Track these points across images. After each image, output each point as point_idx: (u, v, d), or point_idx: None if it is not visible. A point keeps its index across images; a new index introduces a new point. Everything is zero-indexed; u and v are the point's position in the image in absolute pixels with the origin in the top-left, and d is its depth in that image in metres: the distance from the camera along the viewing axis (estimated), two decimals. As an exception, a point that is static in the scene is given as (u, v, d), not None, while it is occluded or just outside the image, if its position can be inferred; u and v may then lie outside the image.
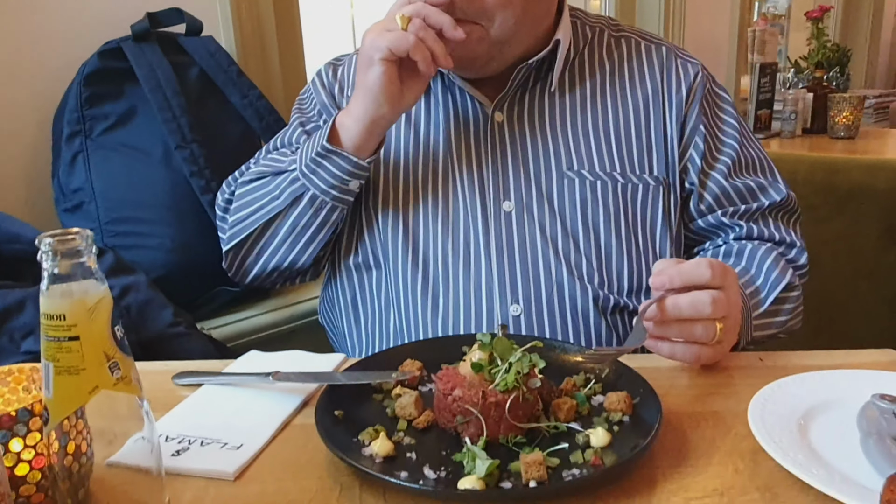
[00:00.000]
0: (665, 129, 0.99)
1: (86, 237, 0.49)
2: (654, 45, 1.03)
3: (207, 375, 0.80)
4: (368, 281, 1.01)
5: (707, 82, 1.03)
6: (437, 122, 1.00)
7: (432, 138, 0.99)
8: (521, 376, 0.64)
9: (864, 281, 1.76)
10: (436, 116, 1.00)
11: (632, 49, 1.03)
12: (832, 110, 2.67)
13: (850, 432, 0.64)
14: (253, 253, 1.00)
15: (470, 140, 0.98)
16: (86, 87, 1.26)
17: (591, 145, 0.97)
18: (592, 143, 0.97)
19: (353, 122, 0.89)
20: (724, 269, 0.77)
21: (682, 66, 1.02)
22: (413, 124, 1.00)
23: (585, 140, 0.97)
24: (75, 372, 0.48)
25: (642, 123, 0.99)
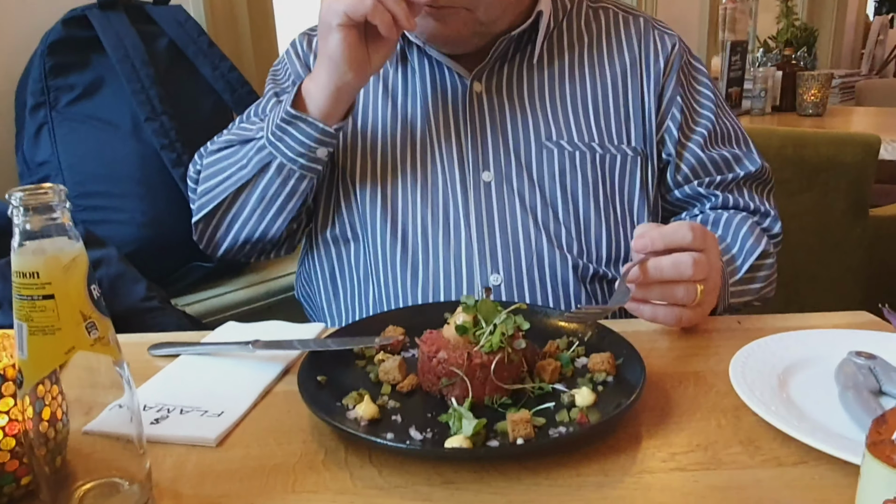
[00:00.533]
0: (643, 100, 0.99)
1: (59, 192, 0.47)
2: (632, 17, 1.04)
3: (185, 346, 0.79)
4: (346, 253, 1.00)
5: (684, 54, 1.03)
6: (414, 92, 0.98)
7: (409, 109, 0.98)
8: (506, 337, 0.64)
9: (831, 253, 1.80)
10: (413, 87, 0.99)
11: (610, 20, 1.03)
12: (801, 88, 2.71)
13: (828, 387, 0.65)
14: (223, 225, 0.98)
15: (448, 111, 0.97)
16: (50, 57, 1.22)
17: (570, 116, 0.97)
18: (571, 114, 0.97)
19: (318, 89, 0.87)
20: (705, 232, 0.78)
21: (659, 38, 1.02)
22: (391, 95, 0.99)
23: (564, 111, 0.97)
24: (50, 332, 0.46)
25: (620, 94, 0.99)
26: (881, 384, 0.64)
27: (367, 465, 0.57)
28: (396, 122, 0.98)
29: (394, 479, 0.55)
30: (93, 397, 0.54)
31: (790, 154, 1.76)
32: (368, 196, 0.96)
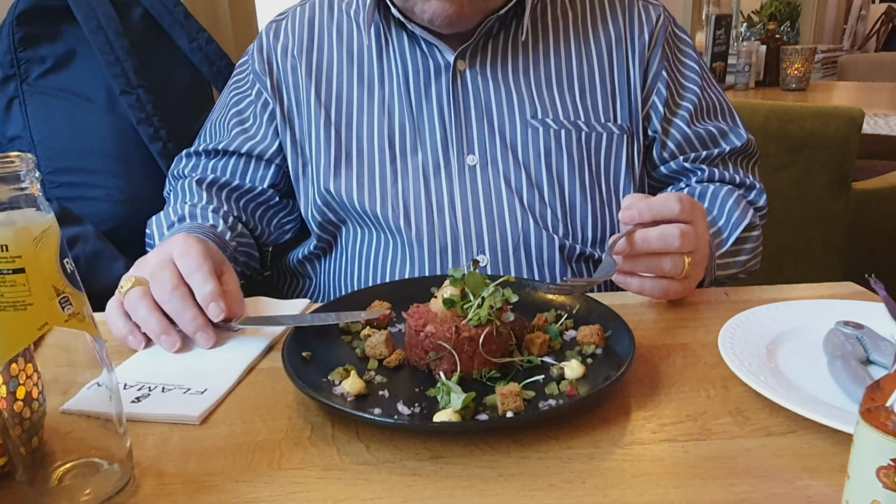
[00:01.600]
0: (629, 76, 0.98)
1: (27, 160, 0.45)
2: None
3: None
4: (332, 237, 0.99)
5: (669, 25, 1.02)
6: (392, 74, 0.96)
7: (387, 93, 0.95)
8: (494, 310, 0.63)
9: (814, 227, 1.81)
10: (392, 69, 0.96)
11: None
12: (784, 62, 2.71)
13: (816, 357, 0.65)
14: None
15: (431, 90, 0.94)
16: (19, 28, 1.17)
17: (555, 93, 0.96)
18: (556, 92, 0.96)
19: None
20: (693, 203, 0.77)
21: (643, 9, 1.00)
22: (366, 81, 0.96)
23: (549, 88, 0.96)
24: (22, 307, 0.45)
25: (606, 71, 0.97)
26: (869, 353, 0.64)
27: (354, 440, 0.56)
28: (374, 106, 0.95)
29: (382, 455, 0.54)
30: (70, 376, 0.52)
31: (774, 128, 1.76)
32: (355, 184, 0.93)
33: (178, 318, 0.71)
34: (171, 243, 0.76)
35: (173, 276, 0.72)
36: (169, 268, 0.73)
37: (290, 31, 1.01)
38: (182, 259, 0.73)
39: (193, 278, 0.72)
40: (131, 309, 0.72)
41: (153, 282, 0.72)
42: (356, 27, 0.98)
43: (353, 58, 0.97)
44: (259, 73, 1.00)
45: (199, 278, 0.72)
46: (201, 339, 0.71)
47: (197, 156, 1.03)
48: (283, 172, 1.01)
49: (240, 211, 1.00)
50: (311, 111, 0.97)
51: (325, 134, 0.96)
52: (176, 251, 0.74)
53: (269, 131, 1.00)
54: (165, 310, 0.71)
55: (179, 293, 0.71)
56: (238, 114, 1.02)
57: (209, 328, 0.71)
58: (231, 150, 1.00)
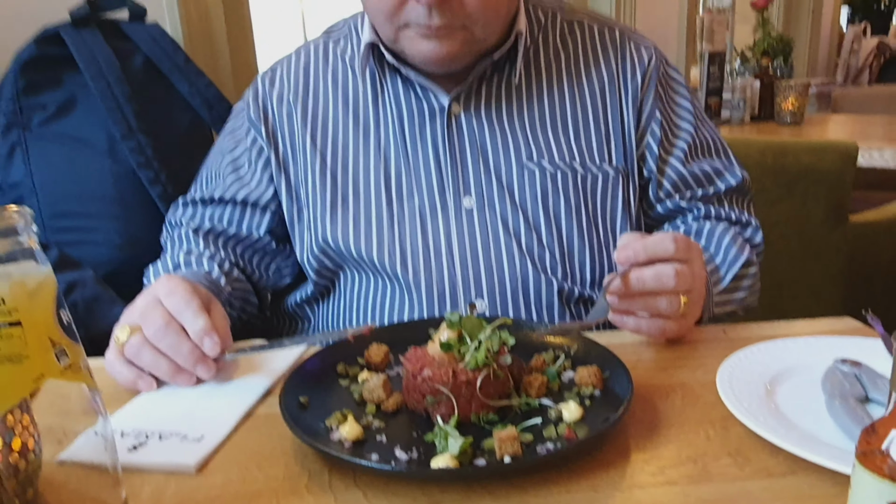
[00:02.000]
0: (622, 117, 0.98)
1: (25, 215, 0.46)
2: (608, 29, 1.02)
3: None
4: (329, 284, 1.00)
5: (661, 65, 1.02)
6: (387, 118, 0.96)
7: (383, 136, 0.96)
8: (492, 353, 0.63)
9: (812, 259, 1.81)
10: (387, 113, 0.96)
11: (585, 35, 1.01)
12: (779, 97, 2.74)
13: (815, 396, 0.65)
14: None
15: (426, 134, 0.95)
16: (22, 76, 1.20)
17: (550, 136, 0.96)
18: (550, 134, 0.96)
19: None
20: (689, 242, 0.77)
21: (635, 50, 1.01)
22: (362, 125, 0.97)
23: (543, 130, 0.96)
24: (18, 360, 0.45)
25: (600, 112, 0.98)
26: (867, 391, 0.64)
27: (351, 487, 0.56)
28: (370, 150, 0.96)
29: (379, 501, 0.54)
30: (65, 425, 0.52)
31: (770, 163, 1.77)
32: (351, 230, 0.94)
33: (175, 353, 0.71)
34: (155, 286, 0.76)
35: (163, 315, 0.72)
36: (158, 308, 0.73)
37: (286, 78, 1.02)
38: (169, 299, 0.74)
39: (184, 316, 0.72)
40: (134, 356, 0.72)
41: (144, 323, 0.72)
42: (351, 72, 0.99)
43: (349, 102, 0.98)
44: (254, 120, 1.01)
45: (190, 315, 0.72)
46: (202, 371, 0.72)
47: (193, 204, 1.04)
48: (278, 218, 1.01)
49: (237, 258, 1.00)
50: (307, 156, 0.97)
51: (321, 178, 0.96)
52: (162, 292, 0.75)
53: (264, 178, 1.00)
54: (160, 348, 0.71)
55: (172, 329, 0.71)
56: (233, 161, 1.03)
57: (207, 359, 0.72)
58: (227, 198, 1.01)
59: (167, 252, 1.01)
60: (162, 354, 0.72)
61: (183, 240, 1.00)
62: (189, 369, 0.72)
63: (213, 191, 1.02)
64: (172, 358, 0.72)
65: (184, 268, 0.93)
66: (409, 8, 0.83)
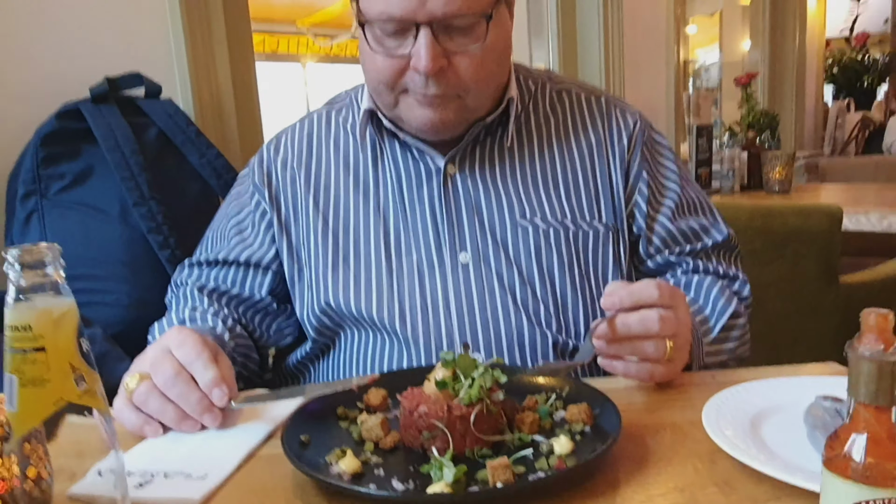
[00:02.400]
0: (611, 178, 1.03)
1: (53, 250, 0.50)
2: (595, 97, 1.09)
3: None
4: (329, 342, 1.02)
5: (646, 130, 1.08)
6: (387, 180, 1.01)
7: (382, 197, 1.01)
8: (485, 390, 0.66)
9: (807, 319, 1.84)
10: (386, 174, 1.02)
11: (573, 102, 1.08)
12: (766, 166, 2.84)
13: (797, 429, 0.67)
14: None
15: (423, 194, 0.99)
16: (42, 148, 1.26)
17: (542, 194, 1.01)
18: (542, 193, 1.01)
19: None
20: (672, 290, 0.81)
21: (621, 116, 1.07)
22: (362, 186, 1.02)
23: (535, 190, 1.01)
24: (40, 383, 0.48)
25: (589, 173, 1.03)
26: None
27: (349, 519, 0.58)
28: (369, 211, 1.00)
29: (376, 531, 0.55)
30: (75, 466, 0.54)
31: (759, 225, 1.83)
32: (352, 288, 0.97)
33: (184, 401, 0.74)
34: (166, 337, 0.80)
35: (174, 365, 0.75)
36: (168, 358, 0.76)
37: (290, 145, 1.08)
38: (180, 350, 0.77)
39: (195, 366, 0.75)
40: (142, 402, 0.75)
41: (155, 372, 0.75)
42: (352, 138, 1.05)
43: (350, 166, 1.04)
44: (258, 184, 1.06)
45: (200, 366, 0.75)
46: (208, 420, 0.74)
47: (199, 266, 1.08)
48: (279, 279, 1.05)
49: (240, 316, 1.04)
50: (310, 218, 1.02)
51: (322, 239, 1.00)
52: (172, 343, 0.78)
53: (266, 239, 1.04)
54: (170, 396, 0.74)
55: (182, 378, 0.74)
56: (237, 224, 1.07)
57: (214, 409, 0.74)
58: (230, 259, 1.05)
59: (172, 309, 1.04)
60: (169, 402, 0.75)
61: (188, 297, 1.04)
62: (196, 417, 0.75)
63: (218, 253, 1.06)
64: (181, 406, 0.75)
65: (189, 323, 0.97)
66: (407, 77, 0.90)
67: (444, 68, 0.88)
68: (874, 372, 0.41)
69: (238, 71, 1.62)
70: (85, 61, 1.39)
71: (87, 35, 1.41)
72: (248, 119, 1.66)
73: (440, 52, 0.86)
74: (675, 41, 3.34)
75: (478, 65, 0.89)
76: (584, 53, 2.84)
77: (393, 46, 0.88)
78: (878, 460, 0.41)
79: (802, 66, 4.63)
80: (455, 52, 0.88)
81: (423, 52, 0.85)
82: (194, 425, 0.75)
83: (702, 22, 6.83)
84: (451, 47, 0.88)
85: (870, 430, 0.41)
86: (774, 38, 4.48)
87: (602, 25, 2.78)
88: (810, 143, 4.92)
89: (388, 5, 0.85)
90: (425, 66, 0.85)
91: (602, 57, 2.80)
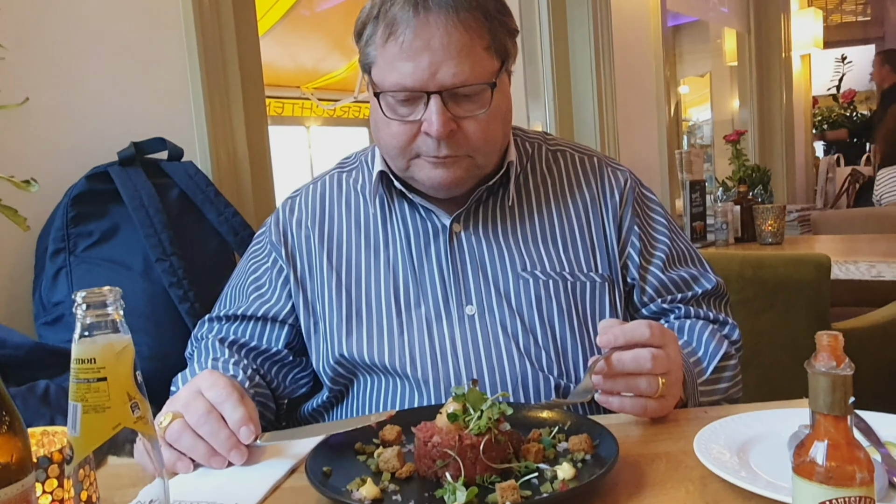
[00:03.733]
0: (605, 231, 1.11)
1: (114, 293, 0.57)
2: (587, 157, 1.18)
3: None
4: (345, 388, 1.08)
5: (636, 186, 1.17)
6: (395, 237, 1.09)
7: (391, 254, 1.08)
8: (492, 421, 0.72)
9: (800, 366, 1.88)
10: (395, 232, 1.09)
11: (567, 162, 1.16)
12: (758, 219, 2.93)
13: (782, 454, 0.73)
14: None
15: (431, 252, 1.07)
16: (72, 208, 1.35)
17: (541, 249, 1.08)
18: (541, 247, 1.08)
19: None
20: (663, 330, 0.87)
21: (612, 174, 1.15)
22: (372, 244, 1.09)
23: (535, 244, 1.08)
24: (101, 410, 0.55)
25: (585, 227, 1.11)
26: (829, 449, 0.72)
27: (371, 539, 0.63)
28: (380, 267, 1.07)
29: (396, 548, 0.61)
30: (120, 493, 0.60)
31: (750, 275, 1.90)
32: (361, 340, 1.03)
33: (214, 439, 0.79)
34: (198, 379, 0.86)
35: (205, 404, 0.81)
36: (200, 398, 0.82)
37: (304, 206, 1.16)
38: (211, 391, 0.83)
39: (225, 406, 0.81)
40: (175, 440, 0.80)
41: (187, 411, 0.81)
42: (363, 199, 1.13)
43: (361, 225, 1.11)
44: (275, 243, 1.13)
45: (231, 406, 0.81)
46: (235, 457, 0.79)
47: (218, 321, 1.14)
48: (296, 332, 1.11)
49: (258, 367, 1.09)
50: (324, 275, 1.09)
51: (336, 294, 1.07)
52: (204, 385, 0.84)
53: (283, 294, 1.11)
54: (201, 433, 0.80)
55: (214, 417, 0.80)
56: (255, 280, 1.14)
57: (241, 446, 0.80)
58: (248, 314, 1.11)
59: (193, 360, 1.10)
60: (200, 439, 0.80)
61: (209, 349, 1.10)
62: (224, 454, 0.80)
63: (237, 309, 1.12)
64: (210, 443, 0.80)
65: None
66: (419, 141, 0.98)
67: (454, 131, 0.96)
68: (829, 385, 0.47)
69: (253, 134, 1.72)
70: (113, 127, 1.49)
71: (115, 103, 1.51)
72: (262, 179, 1.75)
73: (450, 118, 0.95)
74: (665, 101, 3.49)
75: (484, 128, 0.98)
76: (578, 114, 2.97)
77: (406, 114, 0.97)
78: (839, 463, 0.47)
79: (791, 123, 4.79)
80: (463, 116, 0.96)
81: (435, 118, 0.93)
82: (222, 462, 0.81)
83: (694, 82, 7.07)
84: (460, 112, 0.96)
85: (829, 437, 0.48)
86: (762, 97, 4.66)
87: (595, 88, 2.92)
88: (802, 196, 5.05)
89: (401, 77, 0.94)
90: (437, 130, 0.94)
91: (596, 117, 2.94)
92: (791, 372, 1.88)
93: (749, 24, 4.59)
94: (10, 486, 0.51)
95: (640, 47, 3.39)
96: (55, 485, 0.60)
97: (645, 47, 3.42)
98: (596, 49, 2.89)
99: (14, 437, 0.53)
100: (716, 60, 5.44)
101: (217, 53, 1.64)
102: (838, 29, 7.98)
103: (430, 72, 0.92)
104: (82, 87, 1.46)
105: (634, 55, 3.31)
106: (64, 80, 1.44)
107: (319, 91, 7.94)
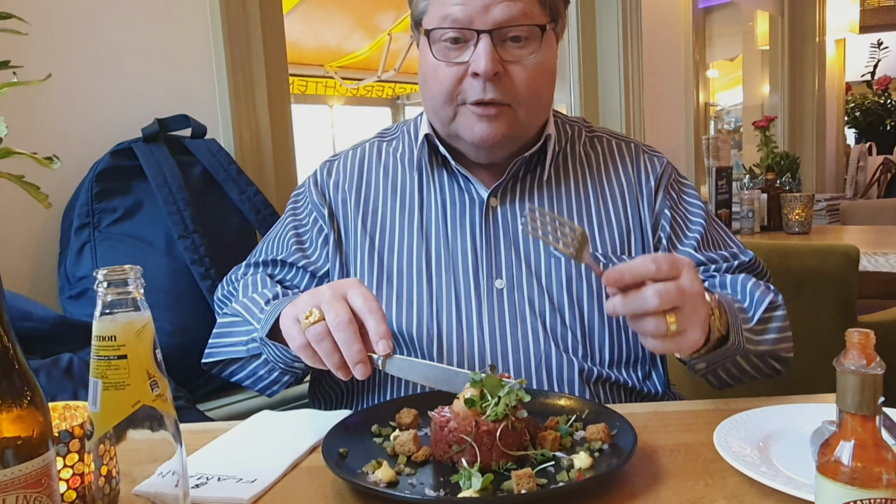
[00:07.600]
0: (640, 216, 1.10)
1: (135, 271, 0.57)
2: (624, 143, 1.18)
3: None
4: None
5: (672, 173, 1.16)
6: (430, 205, 1.09)
7: (425, 221, 1.08)
8: (510, 407, 0.71)
9: (825, 360, 1.85)
10: (431, 200, 1.09)
11: (605, 147, 1.16)
12: (785, 208, 2.88)
13: (804, 450, 0.71)
14: (226, 372, 1.09)
15: (466, 222, 1.07)
16: (97, 183, 1.36)
17: None
18: None
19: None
20: (674, 260, 0.81)
21: (648, 161, 1.15)
22: (408, 209, 1.10)
23: None
24: (121, 387, 0.55)
25: (620, 211, 1.10)
26: (853, 446, 0.70)
27: (385, 522, 0.63)
28: (413, 234, 1.08)
29: (411, 532, 0.61)
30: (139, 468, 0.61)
31: (776, 265, 1.86)
32: (391, 305, 1.04)
33: (347, 348, 0.80)
34: (344, 283, 0.87)
35: (347, 311, 0.82)
36: (342, 303, 0.83)
37: (342, 169, 1.16)
38: (359, 299, 0.83)
39: (371, 317, 0.82)
40: (316, 341, 0.82)
41: (328, 311, 0.82)
42: (401, 167, 1.14)
43: (397, 192, 1.12)
44: (317, 203, 1.14)
45: (377, 318, 0.82)
46: (359, 371, 0.80)
47: (255, 266, 1.14)
48: None
49: None
50: (358, 238, 1.09)
51: (368, 258, 1.08)
52: (351, 291, 0.85)
53: (323, 253, 1.12)
54: (336, 338, 0.81)
55: (353, 328, 0.81)
56: (297, 234, 1.14)
57: (368, 364, 0.81)
58: (288, 261, 1.12)
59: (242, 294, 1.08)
60: (338, 350, 0.81)
61: (259, 282, 1.10)
62: (350, 365, 0.81)
63: (277, 255, 1.12)
64: (344, 349, 0.81)
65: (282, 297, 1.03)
66: (466, 84, 0.98)
67: (500, 74, 0.97)
68: (858, 384, 0.46)
69: (275, 113, 1.72)
70: (137, 104, 1.50)
71: (140, 80, 1.52)
72: (284, 158, 1.75)
73: (497, 60, 0.96)
74: (694, 86, 3.42)
75: (529, 77, 0.99)
76: (604, 98, 2.93)
77: (454, 56, 0.98)
78: (865, 464, 0.46)
79: (822, 110, 4.69)
80: (510, 61, 0.98)
81: (483, 56, 0.95)
82: (347, 374, 0.81)
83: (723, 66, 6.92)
84: (507, 56, 0.98)
85: (857, 437, 0.46)
86: (793, 83, 4.56)
87: (622, 71, 2.87)
88: (832, 185, 4.94)
89: (452, 11, 0.96)
90: (484, 67, 0.95)
91: (623, 101, 2.89)
92: (815, 365, 1.85)
93: (783, 6, 4.48)
94: (31, 460, 0.52)
95: (670, 30, 3.32)
96: (76, 459, 0.61)
97: (674, 30, 3.35)
98: (624, 32, 2.84)
99: (35, 411, 0.54)
100: (747, 44, 5.32)
101: (241, 31, 1.64)
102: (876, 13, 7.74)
103: (482, 4, 0.94)
104: (107, 64, 1.47)
105: (663, 38, 3.25)
106: (89, 57, 1.44)
107: (343, 70, 7.92)
